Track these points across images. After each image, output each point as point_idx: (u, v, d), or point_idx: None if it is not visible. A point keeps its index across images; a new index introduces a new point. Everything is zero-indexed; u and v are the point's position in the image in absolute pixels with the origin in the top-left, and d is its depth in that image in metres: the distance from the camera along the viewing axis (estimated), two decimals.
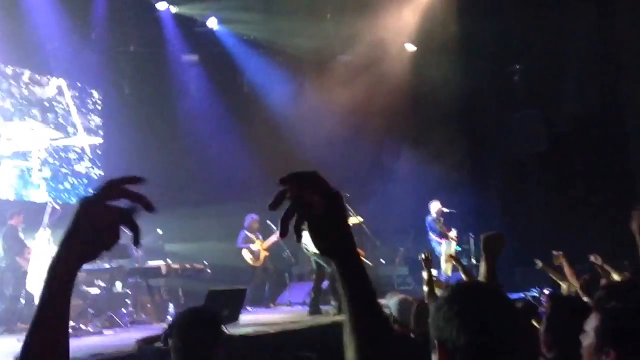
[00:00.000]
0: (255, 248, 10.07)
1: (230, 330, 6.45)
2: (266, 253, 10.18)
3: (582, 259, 6.78)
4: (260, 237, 10.13)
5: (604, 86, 13.47)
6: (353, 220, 8.48)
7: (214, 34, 11.22)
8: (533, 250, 8.12)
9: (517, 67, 13.42)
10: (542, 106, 12.99)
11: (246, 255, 10.03)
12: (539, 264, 7.15)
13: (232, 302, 6.91)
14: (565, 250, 6.63)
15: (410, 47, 12.71)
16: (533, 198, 13.21)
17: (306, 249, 8.58)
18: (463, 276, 6.53)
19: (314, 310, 8.11)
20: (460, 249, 11.40)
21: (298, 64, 12.15)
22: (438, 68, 12.17)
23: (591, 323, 1.86)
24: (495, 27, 13.32)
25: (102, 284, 8.34)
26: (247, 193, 10.61)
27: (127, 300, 8.32)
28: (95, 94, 11.03)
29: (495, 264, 2.57)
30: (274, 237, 10.00)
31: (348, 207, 8.50)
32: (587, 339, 1.87)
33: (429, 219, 10.58)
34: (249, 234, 10.11)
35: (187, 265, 9.25)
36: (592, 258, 6.94)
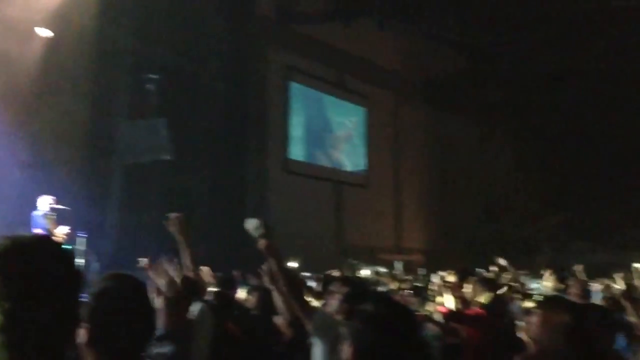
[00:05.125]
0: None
1: None
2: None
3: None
4: None
5: (230, 105, 14.85)
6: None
7: None
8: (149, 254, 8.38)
9: (153, 76, 13.74)
10: (172, 116, 13.50)
11: None
12: (142, 262, 7.42)
13: None
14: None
15: (45, 32, 11.95)
16: (153, 204, 13.64)
17: None
18: None
19: None
20: (70, 247, 11.16)
21: None
22: (73, 64, 11.76)
23: None
24: (136, 33, 13.56)
25: None
26: None
27: None
28: None
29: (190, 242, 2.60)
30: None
31: None
32: None
33: (35, 214, 10.05)
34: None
35: None
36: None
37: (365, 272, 10.72)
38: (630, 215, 21.17)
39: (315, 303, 6.08)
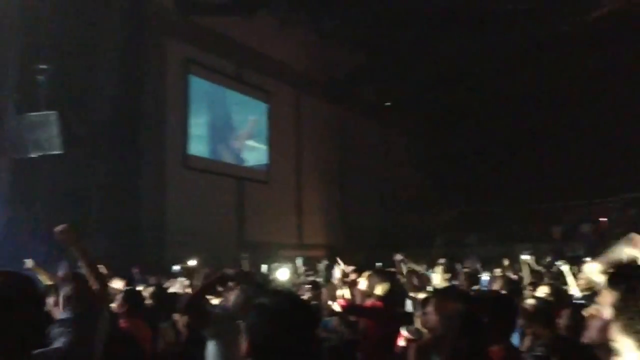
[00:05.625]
0: None
1: None
2: None
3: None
4: None
5: (126, 97, 14.39)
6: None
7: None
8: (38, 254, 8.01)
9: (43, 67, 13.07)
10: (64, 109, 12.93)
11: None
12: (29, 263, 7.08)
13: None
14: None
15: None
16: (44, 201, 13.02)
17: None
18: None
19: None
20: None
21: None
22: None
23: None
24: (24, 21, 12.87)
25: None
26: None
27: None
28: None
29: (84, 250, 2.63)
30: None
31: None
32: None
33: None
34: None
35: None
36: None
37: (282, 270, 10.55)
38: (518, 209, 22.41)
39: (214, 301, 6.00)
